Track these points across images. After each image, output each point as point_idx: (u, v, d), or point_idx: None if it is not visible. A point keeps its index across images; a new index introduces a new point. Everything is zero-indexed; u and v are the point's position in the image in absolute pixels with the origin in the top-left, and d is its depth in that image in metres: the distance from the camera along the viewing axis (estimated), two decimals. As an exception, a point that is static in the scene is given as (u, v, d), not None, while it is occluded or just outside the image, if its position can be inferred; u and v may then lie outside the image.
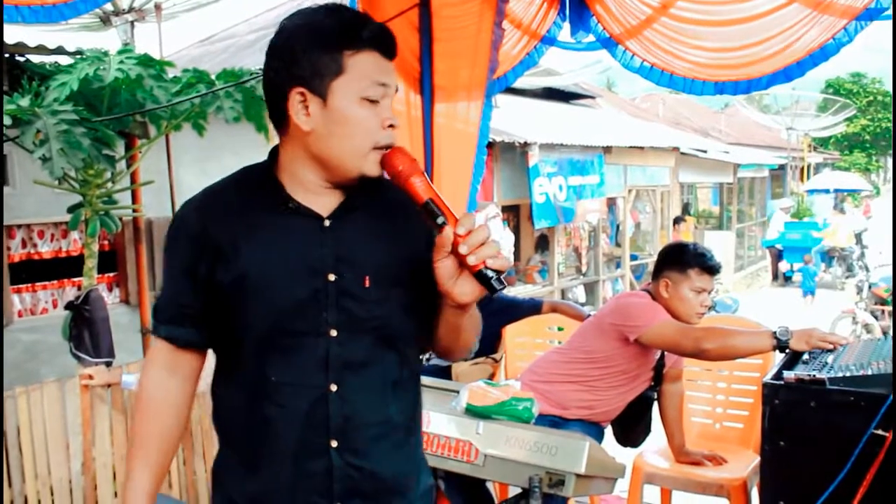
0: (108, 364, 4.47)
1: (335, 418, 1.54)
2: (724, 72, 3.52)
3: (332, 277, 1.53)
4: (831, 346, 2.73)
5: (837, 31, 3.20)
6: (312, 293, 1.52)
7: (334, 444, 1.55)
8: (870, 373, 2.33)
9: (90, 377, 3.79)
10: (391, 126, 1.52)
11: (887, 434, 2.19)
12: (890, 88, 47.23)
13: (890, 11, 3.03)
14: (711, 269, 3.25)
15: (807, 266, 16.07)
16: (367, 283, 1.54)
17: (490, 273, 1.40)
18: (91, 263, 4.69)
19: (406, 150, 1.51)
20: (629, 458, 3.55)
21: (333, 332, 1.52)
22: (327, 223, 1.56)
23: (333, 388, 1.54)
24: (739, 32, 3.41)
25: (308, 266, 1.53)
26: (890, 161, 50.97)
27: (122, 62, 4.18)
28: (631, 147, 13.14)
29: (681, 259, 3.28)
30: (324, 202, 1.57)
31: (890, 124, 45.23)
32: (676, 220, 14.92)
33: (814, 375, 2.37)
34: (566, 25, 3.82)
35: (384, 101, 1.52)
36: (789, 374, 2.40)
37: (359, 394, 1.56)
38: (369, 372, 1.55)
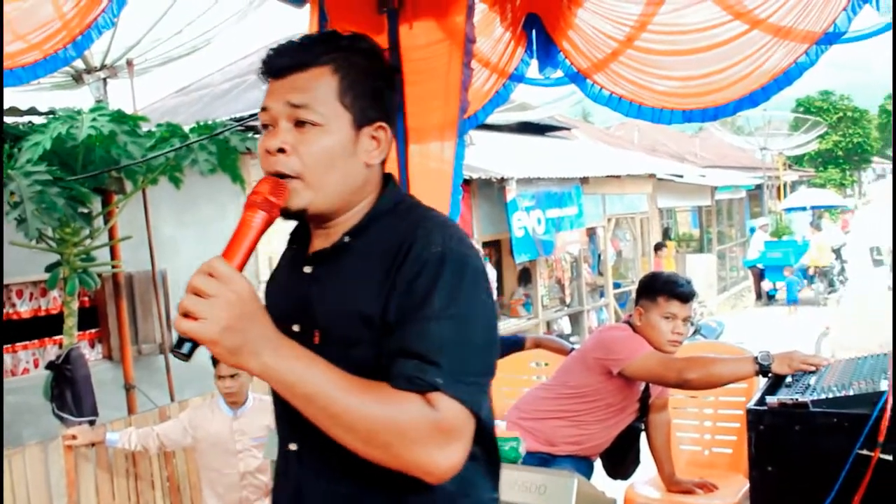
0: (92, 423, 4.42)
1: (293, 481, 1.48)
2: (691, 100, 3.56)
3: (296, 328, 1.43)
4: (813, 368, 2.75)
5: (799, 56, 3.25)
6: None
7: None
8: (851, 393, 2.34)
9: (74, 437, 3.76)
10: (280, 150, 1.38)
11: (872, 454, 2.20)
12: (858, 104, 47.99)
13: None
14: (680, 295, 3.25)
15: (789, 278, 16.33)
16: (317, 340, 1.40)
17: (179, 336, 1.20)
18: (71, 322, 4.66)
19: (274, 180, 1.36)
20: (620, 491, 3.54)
21: None
22: (308, 269, 1.47)
23: (293, 447, 1.48)
24: (703, 61, 3.46)
25: (283, 312, 1.43)
26: (863, 175, 51.61)
27: (94, 119, 4.20)
28: (608, 176, 13.24)
29: (651, 287, 3.31)
30: (318, 243, 1.49)
31: (861, 139, 45.90)
32: (657, 247, 15.00)
33: (797, 399, 2.38)
34: (534, 62, 3.86)
35: (279, 124, 1.40)
36: (772, 400, 2.41)
37: (314, 458, 1.44)
38: (326, 440, 1.27)
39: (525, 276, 11.89)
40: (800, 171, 37.94)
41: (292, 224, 1.55)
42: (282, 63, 1.41)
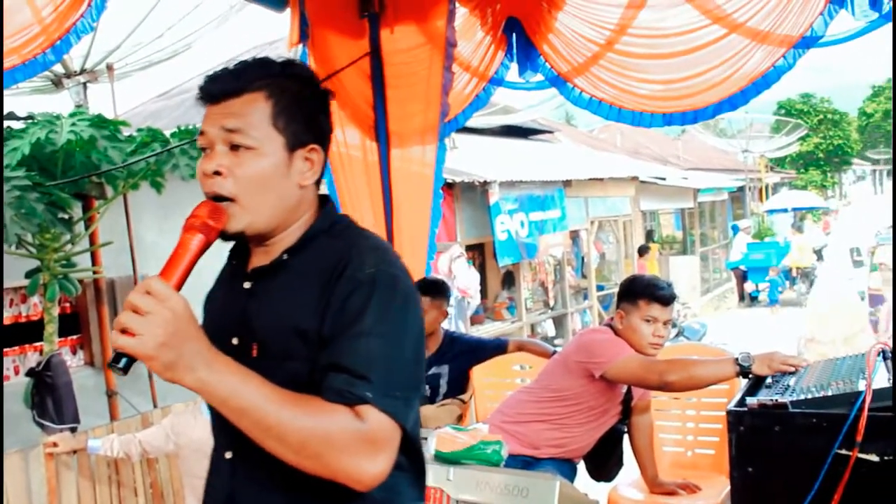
0: (73, 430, 4.39)
1: (226, 487, 1.52)
2: (671, 103, 3.59)
3: (234, 342, 1.49)
4: (792, 369, 2.77)
5: (777, 60, 3.28)
6: None
7: None
8: (830, 393, 2.35)
9: (55, 444, 3.73)
10: (216, 173, 1.44)
11: (851, 453, 2.21)
12: (838, 107, 48.44)
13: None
14: (661, 298, 3.26)
15: (773, 278, 16.48)
16: (255, 353, 1.46)
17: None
18: (51, 328, 4.63)
19: (212, 204, 1.42)
20: (603, 493, 3.55)
21: None
22: (247, 285, 1.54)
23: (228, 455, 1.52)
24: (683, 64, 3.49)
25: (222, 326, 1.51)
26: (844, 177, 52.06)
27: (74, 124, 4.18)
28: (591, 179, 13.29)
29: (631, 290, 3.32)
30: (257, 260, 1.55)
31: (841, 141, 46.31)
32: (641, 250, 15.06)
33: (776, 400, 2.39)
34: (514, 66, 3.88)
35: (215, 147, 1.46)
36: (752, 401, 2.42)
37: (247, 466, 1.48)
38: (260, 448, 1.32)
39: (508, 280, 11.91)
40: (781, 173, 38.23)
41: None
42: (217, 89, 1.48)
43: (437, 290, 4.13)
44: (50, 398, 4.47)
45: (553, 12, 3.70)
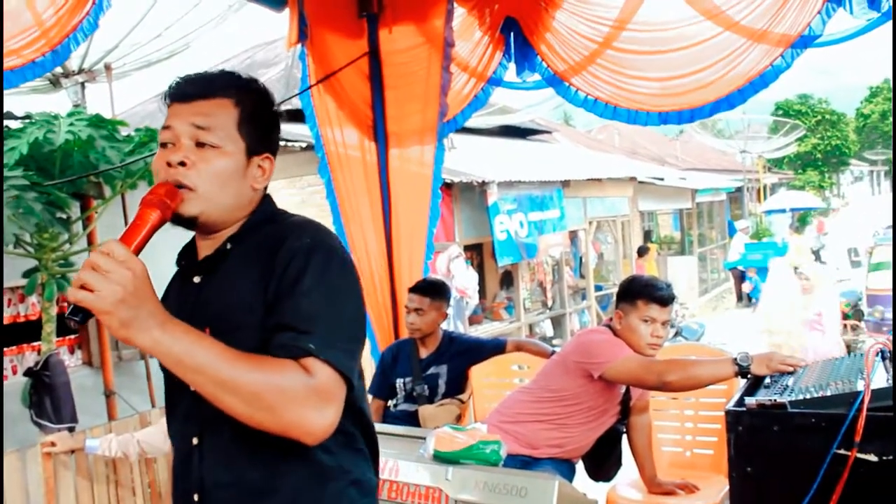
0: (71, 430, 4.38)
1: (195, 473, 1.58)
2: (668, 101, 3.59)
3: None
4: (791, 369, 2.77)
5: (775, 59, 3.28)
6: None
7: (196, 498, 1.58)
8: (829, 393, 2.35)
9: (52, 444, 3.72)
10: (181, 164, 1.54)
11: (850, 453, 2.21)
12: (836, 108, 48.46)
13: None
14: (659, 299, 3.25)
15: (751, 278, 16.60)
16: (207, 333, 1.48)
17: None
18: (49, 328, 4.62)
19: (170, 185, 1.51)
20: (602, 493, 3.54)
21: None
22: (196, 279, 1.64)
23: (195, 441, 1.58)
24: (680, 62, 3.49)
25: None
26: (841, 178, 52.08)
27: (72, 124, 4.17)
28: (589, 179, 13.28)
29: (630, 290, 3.32)
30: (204, 253, 1.66)
31: (839, 142, 46.34)
32: (640, 252, 15.05)
33: (775, 400, 2.39)
34: (512, 66, 3.88)
35: (180, 141, 1.56)
36: (751, 401, 2.42)
37: (214, 451, 1.56)
38: (223, 428, 1.47)
39: (507, 280, 11.91)
40: (779, 174, 38.27)
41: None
42: (190, 90, 1.60)
43: (436, 291, 4.13)
44: (48, 398, 4.47)
45: (550, 11, 3.70)
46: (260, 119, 1.64)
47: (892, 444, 2.18)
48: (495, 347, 4.26)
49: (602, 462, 3.59)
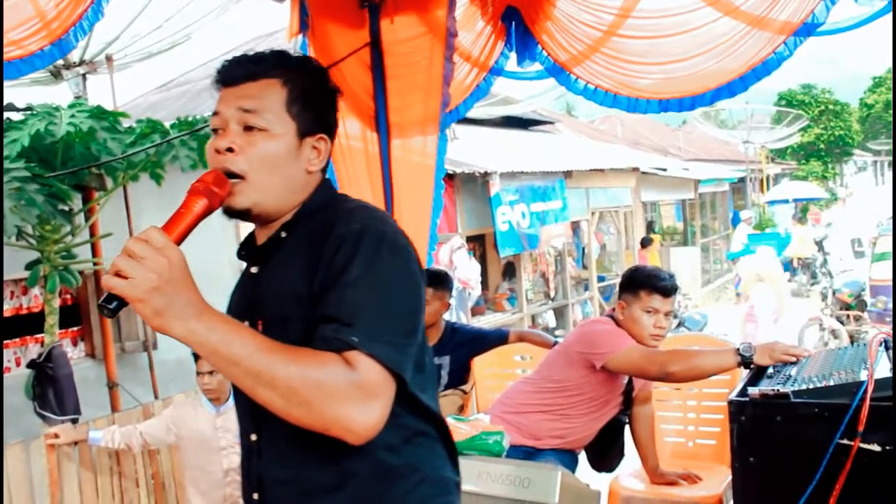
0: (75, 421, 4.39)
1: (254, 470, 1.56)
2: (668, 88, 3.57)
3: (245, 324, 1.49)
4: (794, 359, 2.76)
5: (778, 46, 3.26)
6: None
7: (255, 496, 1.56)
8: (832, 383, 2.35)
9: (56, 436, 3.74)
10: (228, 150, 1.49)
11: (853, 443, 2.21)
12: (839, 98, 48.32)
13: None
14: (662, 289, 3.25)
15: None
16: (260, 328, 1.48)
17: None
18: (52, 320, 4.62)
19: (218, 172, 1.47)
20: (605, 483, 3.55)
21: None
22: (254, 269, 1.61)
23: (254, 437, 1.56)
24: (681, 49, 3.47)
25: (236, 313, 1.57)
26: (845, 168, 52.00)
27: (73, 116, 4.17)
28: (591, 170, 13.26)
29: (633, 281, 3.32)
30: (261, 240, 1.62)
31: (842, 132, 46.21)
32: (644, 242, 15.03)
33: (778, 390, 2.39)
34: (513, 55, 3.86)
35: (229, 127, 1.52)
36: (754, 391, 2.42)
37: (270, 448, 1.53)
38: (278, 424, 1.35)
39: (509, 271, 11.90)
40: (782, 164, 38.17)
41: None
42: (236, 73, 1.55)
43: (439, 281, 4.13)
44: (51, 389, 4.47)
45: (552, 0, 3.68)
46: (311, 98, 1.57)
47: (895, 434, 2.17)
48: (498, 338, 4.27)
49: (605, 453, 3.60)
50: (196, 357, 3.51)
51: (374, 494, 1.47)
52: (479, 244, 11.32)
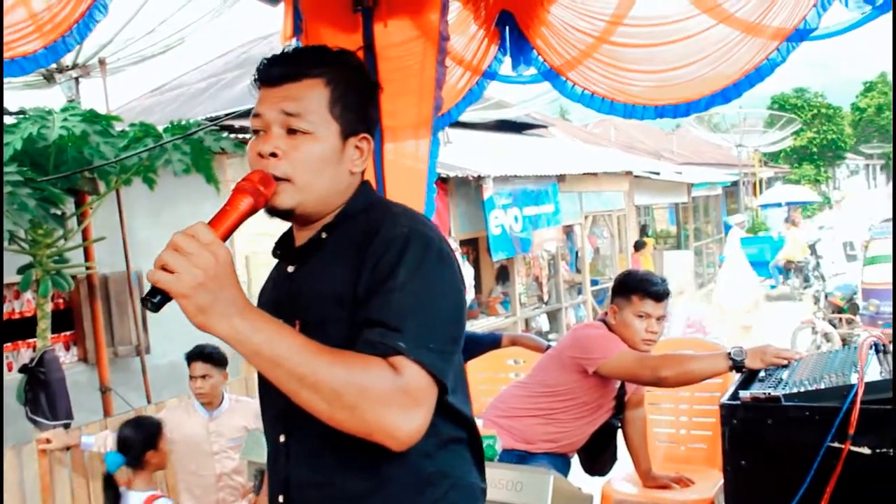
0: (67, 426, 4.38)
1: (282, 472, 1.53)
2: (663, 95, 3.58)
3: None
4: (785, 362, 2.77)
5: (771, 52, 3.27)
6: None
7: (280, 499, 1.54)
8: (823, 387, 2.36)
9: (48, 441, 3.73)
10: (272, 155, 1.46)
11: (843, 446, 2.22)
12: (832, 102, 48.50)
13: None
14: (654, 294, 3.25)
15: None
16: (297, 329, 1.42)
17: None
18: (44, 324, 4.61)
19: (266, 174, 1.44)
20: (597, 487, 3.55)
21: None
22: (290, 269, 1.58)
23: (282, 438, 1.53)
24: (676, 55, 3.48)
25: (271, 311, 1.48)
26: (837, 172, 52.17)
27: (66, 119, 4.16)
28: (584, 174, 13.28)
29: (625, 285, 3.32)
30: (300, 241, 1.58)
31: (834, 136, 46.39)
32: (637, 246, 15.05)
33: (769, 393, 2.39)
34: (507, 60, 3.87)
35: (271, 130, 1.48)
36: (745, 394, 2.42)
37: (300, 450, 1.50)
38: (310, 426, 1.33)
39: (503, 274, 11.91)
40: (775, 168, 38.27)
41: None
42: (276, 73, 1.50)
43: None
44: (43, 394, 4.46)
45: (546, 5, 3.68)
46: (354, 97, 1.53)
47: (885, 437, 2.18)
48: (491, 342, 4.26)
49: (597, 456, 3.59)
50: (189, 361, 3.51)
51: (406, 501, 1.46)
52: (473, 248, 11.33)
